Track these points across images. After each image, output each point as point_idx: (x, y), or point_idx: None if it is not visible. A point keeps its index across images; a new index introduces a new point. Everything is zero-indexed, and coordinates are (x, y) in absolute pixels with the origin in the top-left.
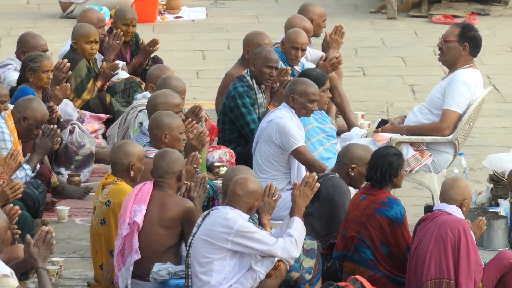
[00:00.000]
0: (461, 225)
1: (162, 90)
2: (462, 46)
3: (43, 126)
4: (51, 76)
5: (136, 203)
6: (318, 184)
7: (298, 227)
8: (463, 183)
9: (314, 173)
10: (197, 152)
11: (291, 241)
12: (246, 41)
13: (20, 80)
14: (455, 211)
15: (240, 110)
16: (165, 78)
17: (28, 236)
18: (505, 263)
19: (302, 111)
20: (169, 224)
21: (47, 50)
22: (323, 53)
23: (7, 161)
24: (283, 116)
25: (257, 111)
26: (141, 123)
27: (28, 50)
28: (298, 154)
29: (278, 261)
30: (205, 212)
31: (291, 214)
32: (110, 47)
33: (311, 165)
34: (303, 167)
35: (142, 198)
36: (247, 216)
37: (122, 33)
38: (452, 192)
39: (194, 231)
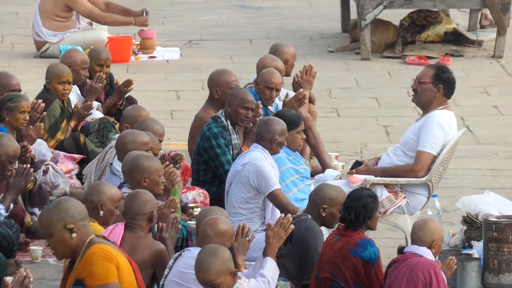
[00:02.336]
0: (432, 267)
1: (130, 129)
2: (437, 88)
3: (17, 166)
4: (27, 118)
5: None
6: (292, 226)
7: (270, 267)
8: (432, 224)
9: (289, 215)
10: (175, 197)
11: (263, 281)
12: (213, 80)
13: None
14: (426, 253)
15: (214, 151)
16: (143, 121)
17: (6, 279)
18: None
19: (278, 149)
20: (140, 266)
21: (20, 90)
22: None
23: None
24: (258, 158)
25: (231, 152)
26: (111, 164)
27: (0, 89)
28: (273, 197)
29: None
30: (177, 254)
31: (264, 254)
32: (92, 89)
33: (284, 209)
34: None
35: (113, 240)
36: None
37: (104, 76)
38: (421, 233)
39: (166, 272)
